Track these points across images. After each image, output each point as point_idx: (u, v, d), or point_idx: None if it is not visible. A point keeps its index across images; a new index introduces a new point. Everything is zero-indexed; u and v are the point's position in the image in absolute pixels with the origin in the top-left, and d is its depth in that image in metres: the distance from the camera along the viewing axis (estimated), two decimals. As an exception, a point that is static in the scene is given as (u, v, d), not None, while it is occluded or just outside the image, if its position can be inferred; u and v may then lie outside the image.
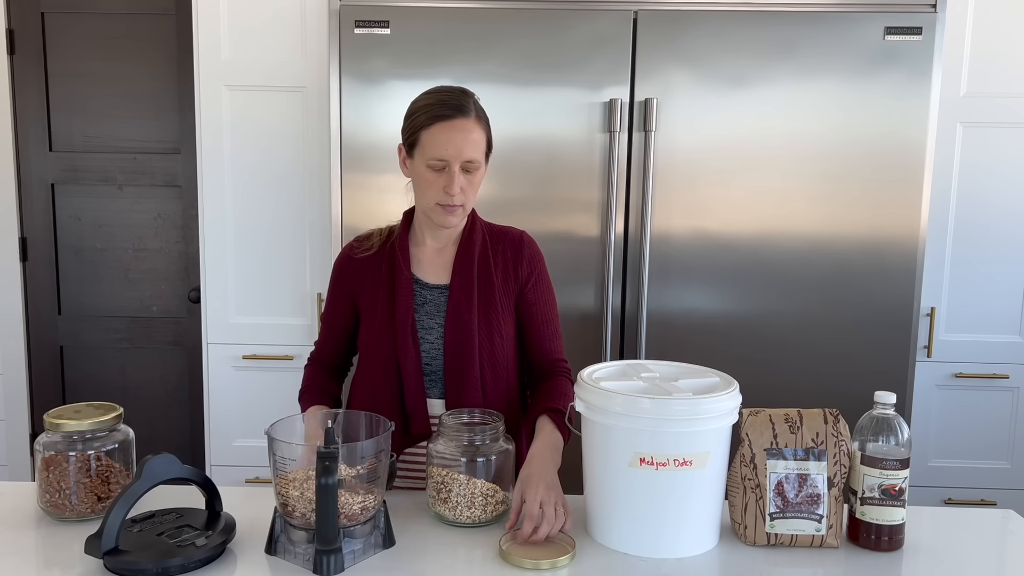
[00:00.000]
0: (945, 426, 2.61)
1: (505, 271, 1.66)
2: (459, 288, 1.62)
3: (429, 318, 1.63)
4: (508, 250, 1.67)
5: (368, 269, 1.66)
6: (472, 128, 1.54)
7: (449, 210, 1.56)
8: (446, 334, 1.61)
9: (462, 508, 1.40)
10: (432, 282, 1.65)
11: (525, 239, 1.70)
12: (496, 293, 1.64)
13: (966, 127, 2.50)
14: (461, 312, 1.61)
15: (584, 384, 1.38)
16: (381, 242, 1.68)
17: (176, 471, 1.32)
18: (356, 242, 1.71)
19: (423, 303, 1.64)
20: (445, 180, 1.53)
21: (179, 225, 3.00)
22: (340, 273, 1.71)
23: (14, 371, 3.02)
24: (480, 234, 1.67)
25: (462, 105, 1.54)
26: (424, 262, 1.66)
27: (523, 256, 1.68)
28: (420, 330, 1.62)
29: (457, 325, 1.61)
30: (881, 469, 1.33)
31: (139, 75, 2.92)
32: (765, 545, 1.36)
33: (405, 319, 1.60)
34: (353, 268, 1.68)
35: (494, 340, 1.63)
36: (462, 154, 1.52)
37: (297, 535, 1.28)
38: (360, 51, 2.29)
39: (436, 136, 1.52)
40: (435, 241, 1.66)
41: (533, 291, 1.68)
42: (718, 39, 2.25)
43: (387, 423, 1.37)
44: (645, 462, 1.29)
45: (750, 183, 2.30)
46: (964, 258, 2.55)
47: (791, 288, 2.33)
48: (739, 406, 1.36)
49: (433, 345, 1.62)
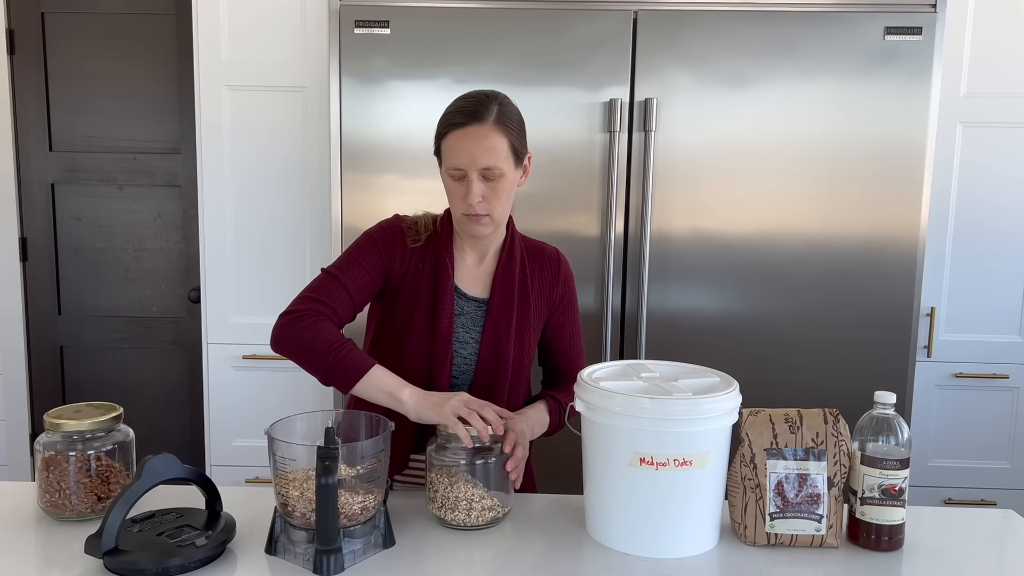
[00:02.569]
0: (945, 426, 2.61)
1: (540, 291, 1.65)
2: (499, 306, 1.60)
3: (465, 331, 1.61)
4: (546, 269, 1.66)
5: (411, 261, 1.59)
6: (488, 135, 1.47)
7: (474, 219, 1.52)
8: (481, 351, 1.59)
9: (460, 512, 1.40)
10: (470, 294, 1.62)
11: (562, 260, 1.69)
12: (531, 313, 1.62)
13: (966, 127, 2.50)
14: (499, 331, 1.59)
15: (584, 384, 1.38)
16: (427, 238, 1.61)
17: (176, 471, 1.32)
18: (405, 226, 1.61)
19: (460, 314, 1.61)
20: (463, 189, 1.50)
21: (179, 225, 3.00)
22: (386, 246, 1.58)
23: (14, 371, 3.02)
24: (519, 250, 1.64)
25: (477, 111, 1.48)
26: (464, 272, 1.63)
27: (559, 278, 1.67)
28: (455, 343, 1.60)
29: (495, 343, 1.59)
30: (881, 469, 1.33)
31: (139, 75, 2.92)
32: (765, 545, 1.36)
33: (447, 332, 1.57)
34: (400, 252, 1.58)
35: (523, 359, 1.62)
36: (476, 162, 1.47)
37: (297, 535, 1.28)
38: (360, 51, 2.29)
39: (451, 144, 1.49)
40: (474, 251, 1.63)
41: (565, 313, 1.68)
42: (718, 39, 2.25)
43: (387, 423, 1.36)
44: (645, 462, 1.29)
45: (750, 183, 2.30)
46: (964, 258, 2.55)
47: (791, 288, 2.33)
48: (739, 406, 1.36)
49: (466, 360, 1.60)
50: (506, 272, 1.61)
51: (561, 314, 1.68)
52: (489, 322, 1.60)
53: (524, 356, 1.63)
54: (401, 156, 2.32)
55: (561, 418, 1.61)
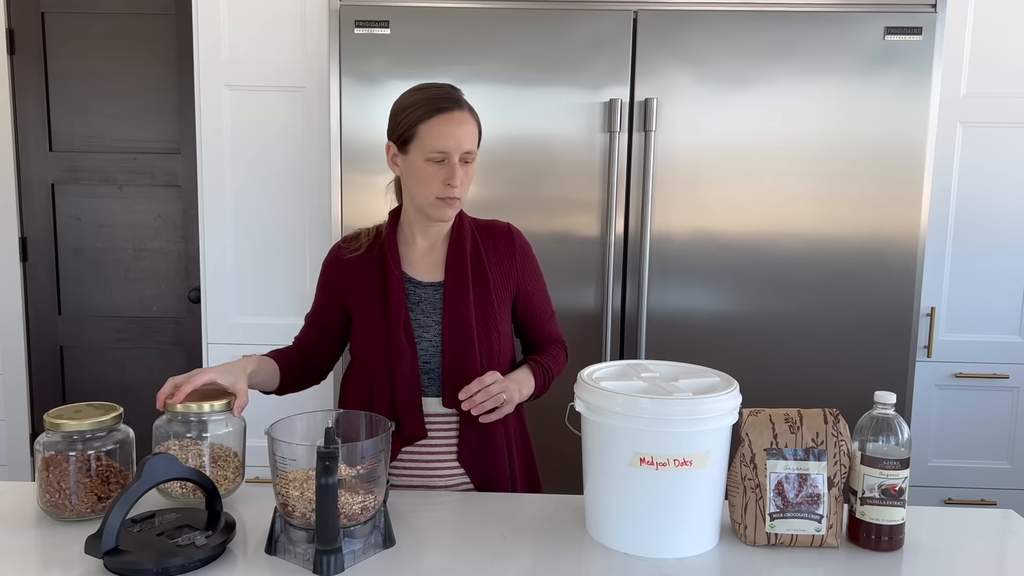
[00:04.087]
0: (945, 426, 2.61)
1: (499, 266, 1.67)
2: (454, 285, 1.62)
3: (425, 316, 1.63)
4: (500, 244, 1.69)
5: (358, 270, 1.66)
6: (468, 120, 1.56)
7: (449, 203, 1.57)
8: (444, 331, 1.61)
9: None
10: (425, 280, 1.65)
11: (514, 231, 1.71)
12: (491, 289, 1.64)
13: (966, 127, 2.50)
14: (458, 309, 1.61)
15: (584, 384, 1.38)
16: (369, 242, 1.67)
17: (176, 471, 1.32)
18: (344, 243, 1.71)
19: (417, 302, 1.63)
20: (446, 173, 1.54)
21: (179, 225, 3.00)
22: (329, 274, 1.70)
23: (14, 371, 3.02)
24: (469, 230, 1.67)
25: (457, 98, 1.57)
26: (415, 260, 1.66)
27: (515, 249, 1.69)
28: (416, 328, 1.62)
29: (455, 322, 1.61)
30: (881, 469, 1.33)
31: (139, 75, 2.92)
32: (765, 545, 1.36)
33: (398, 318, 1.60)
34: (343, 269, 1.68)
35: (491, 335, 1.63)
36: (462, 145, 1.54)
37: (297, 535, 1.28)
38: (360, 51, 2.29)
39: (436, 128, 1.53)
40: (425, 239, 1.66)
41: (531, 282, 1.71)
42: (718, 39, 2.25)
43: (387, 423, 1.37)
44: (645, 462, 1.29)
45: (750, 183, 2.30)
46: (964, 258, 2.55)
47: (791, 288, 2.33)
48: (739, 406, 1.36)
49: (431, 343, 1.62)
50: (457, 251, 1.64)
51: (527, 283, 1.70)
52: (447, 302, 1.62)
53: (492, 332, 1.63)
54: (401, 156, 2.33)
55: (546, 378, 1.67)
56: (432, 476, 1.64)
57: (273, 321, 2.65)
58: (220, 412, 1.48)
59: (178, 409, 1.46)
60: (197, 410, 1.46)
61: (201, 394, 1.49)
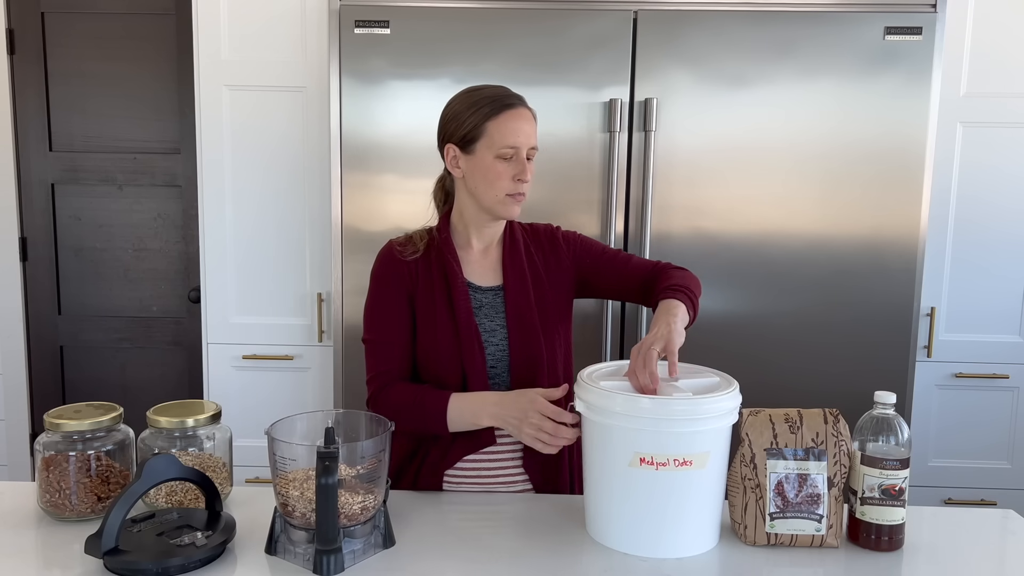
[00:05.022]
0: (945, 426, 2.61)
1: (548, 266, 1.66)
2: (515, 287, 1.62)
3: (489, 320, 1.61)
4: (545, 244, 1.68)
5: (419, 273, 1.61)
6: (530, 117, 1.57)
7: (518, 199, 1.56)
8: (510, 335, 1.60)
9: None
10: (484, 285, 1.63)
11: (556, 228, 1.72)
12: (547, 292, 1.63)
13: (966, 127, 2.50)
14: (521, 310, 1.60)
15: (584, 384, 1.38)
16: (425, 246, 1.63)
17: (176, 471, 1.32)
18: (399, 246, 1.64)
19: (479, 306, 1.61)
20: (516, 168, 1.54)
21: (179, 225, 3.00)
22: (394, 276, 1.62)
23: (14, 371, 3.02)
24: (519, 231, 1.68)
25: (520, 96, 1.58)
26: (472, 264, 1.64)
27: (558, 242, 1.68)
28: (483, 333, 1.60)
29: (520, 323, 1.60)
30: (881, 469, 1.33)
31: (139, 75, 2.93)
32: (765, 545, 1.36)
33: (468, 324, 1.57)
34: (407, 270, 1.61)
35: (553, 337, 1.62)
36: (530, 140, 1.56)
37: (297, 535, 1.28)
38: (360, 51, 2.29)
39: (507, 124, 1.53)
40: (480, 242, 1.65)
41: (588, 255, 1.68)
42: (718, 39, 2.25)
43: (387, 423, 1.36)
44: (645, 462, 1.29)
45: (750, 183, 2.30)
46: (964, 258, 2.55)
47: (791, 288, 2.33)
48: (739, 406, 1.36)
49: (499, 348, 1.60)
50: (513, 253, 1.64)
51: (586, 258, 1.67)
52: (510, 304, 1.61)
53: (553, 333, 1.62)
54: (401, 156, 2.33)
55: (688, 296, 1.54)
56: (495, 483, 1.61)
57: (273, 321, 2.65)
58: (204, 425, 1.48)
59: (161, 424, 1.46)
60: (180, 425, 1.47)
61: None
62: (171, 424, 1.46)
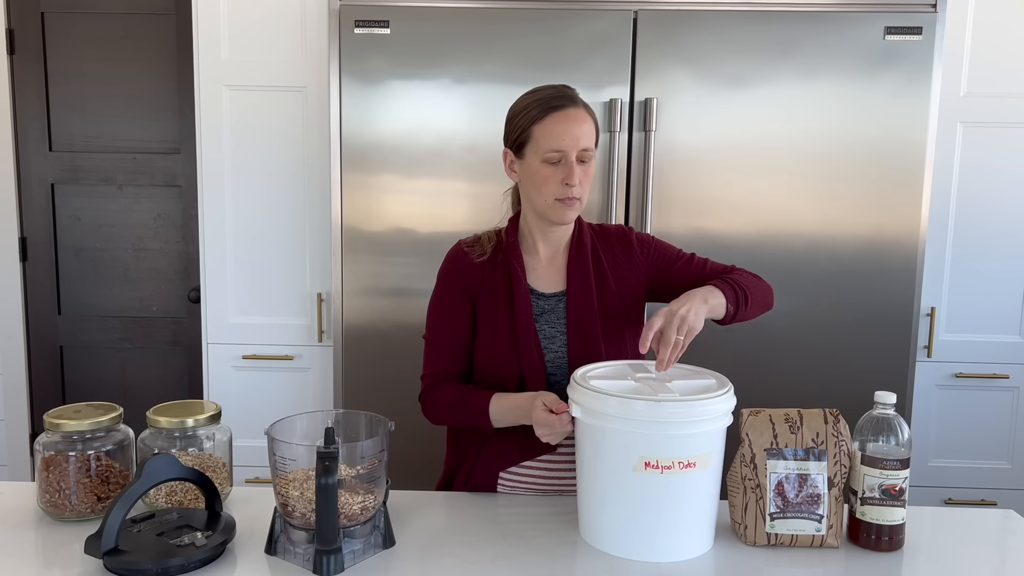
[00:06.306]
0: (945, 426, 2.61)
1: (615, 271, 1.63)
2: (576, 294, 1.59)
3: (550, 327, 1.60)
4: (617, 247, 1.65)
5: (484, 275, 1.61)
6: (584, 118, 1.52)
7: (568, 204, 1.52)
8: (569, 342, 1.58)
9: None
10: (547, 291, 1.61)
11: (630, 231, 1.67)
12: (612, 296, 1.60)
13: (966, 127, 2.50)
14: (583, 318, 1.58)
15: (578, 386, 1.37)
16: (492, 248, 1.62)
17: (176, 471, 1.32)
18: (467, 247, 1.64)
19: (541, 313, 1.60)
20: (563, 172, 1.50)
21: (179, 225, 3.00)
22: (458, 277, 1.62)
23: (14, 371, 3.02)
24: (588, 235, 1.64)
25: (572, 96, 1.53)
26: (537, 271, 1.62)
27: (632, 245, 1.65)
28: (543, 339, 1.59)
29: (580, 331, 1.58)
30: (881, 469, 1.33)
31: (139, 75, 2.92)
32: (765, 545, 1.36)
33: (528, 330, 1.56)
34: (473, 271, 1.61)
35: (617, 345, 1.60)
36: (578, 143, 1.50)
37: (297, 535, 1.28)
38: (360, 51, 2.29)
39: (551, 127, 1.50)
40: (547, 247, 1.63)
41: (664, 260, 1.65)
42: (718, 39, 2.25)
43: (387, 422, 1.36)
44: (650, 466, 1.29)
45: (750, 183, 2.30)
46: (964, 258, 2.55)
47: (791, 288, 2.33)
48: (734, 407, 1.35)
49: (557, 354, 1.59)
50: (578, 260, 1.61)
51: (660, 263, 1.64)
52: (571, 311, 1.59)
53: (617, 340, 1.60)
54: (401, 156, 2.33)
55: (735, 290, 1.54)
56: (550, 488, 1.60)
57: (273, 321, 2.65)
58: (204, 425, 1.48)
59: (161, 424, 1.46)
60: (180, 425, 1.47)
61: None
62: (171, 424, 1.46)
